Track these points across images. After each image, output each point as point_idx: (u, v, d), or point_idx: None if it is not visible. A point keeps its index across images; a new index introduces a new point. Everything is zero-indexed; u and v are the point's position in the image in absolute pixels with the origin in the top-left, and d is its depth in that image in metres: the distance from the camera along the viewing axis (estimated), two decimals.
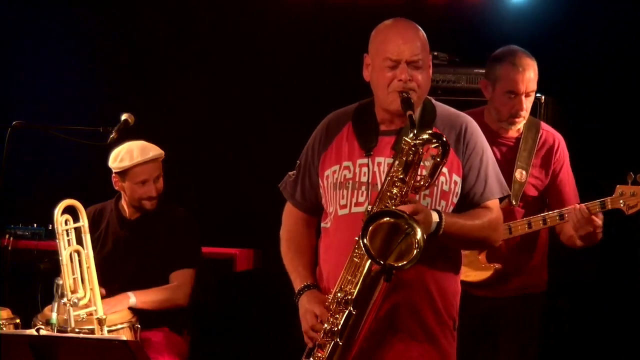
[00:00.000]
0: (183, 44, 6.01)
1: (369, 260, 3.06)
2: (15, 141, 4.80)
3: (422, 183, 3.10)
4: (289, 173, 3.44)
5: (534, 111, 4.26)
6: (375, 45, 3.26)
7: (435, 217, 3.09)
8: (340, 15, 5.74)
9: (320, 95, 5.57)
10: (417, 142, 3.06)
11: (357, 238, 3.07)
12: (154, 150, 4.55)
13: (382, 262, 3.00)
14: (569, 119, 4.43)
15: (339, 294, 3.12)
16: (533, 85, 4.00)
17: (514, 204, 4.03)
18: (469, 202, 3.24)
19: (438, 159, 3.06)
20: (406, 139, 3.08)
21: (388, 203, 3.08)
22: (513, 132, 4.08)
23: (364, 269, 3.08)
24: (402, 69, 3.17)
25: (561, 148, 4.11)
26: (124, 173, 4.53)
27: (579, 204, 3.93)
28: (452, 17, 5.54)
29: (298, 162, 3.41)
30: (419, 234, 2.99)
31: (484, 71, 4.69)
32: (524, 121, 4.05)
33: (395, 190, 3.08)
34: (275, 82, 5.84)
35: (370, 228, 3.01)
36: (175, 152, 4.77)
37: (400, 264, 2.99)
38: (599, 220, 3.90)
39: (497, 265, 4.05)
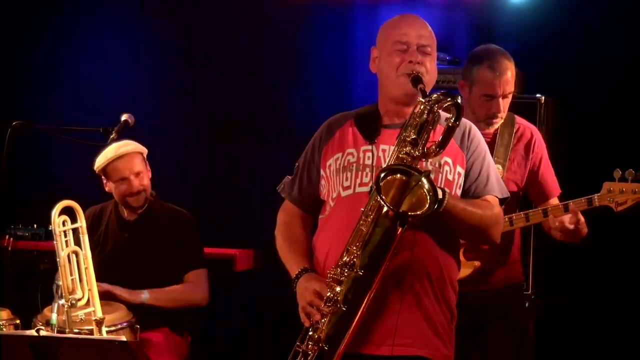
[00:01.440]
0: (183, 44, 6.01)
1: (379, 216, 3.00)
2: (15, 141, 4.79)
3: (432, 149, 3.08)
4: (287, 176, 3.46)
5: (533, 112, 4.25)
6: (384, 34, 3.31)
7: (439, 193, 3.07)
8: (340, 15, 5.73)
9: (320, 97, 5.58)
10: (432, 100, 3.07)
11: (362, 209, 3.06)
12: (128, 146, 4.55)
13: (395, 209, 2.96)
14: (569, 119, 4.43)
15: (345, 258, 3.06)
16: (510, 88, 3.99)
17: None
18: (470, 195, 3.26)
19: (452, 121, 3.05)
20: (421, 99, 3.10)
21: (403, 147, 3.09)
22: (491, 129, 4.07)
23: (371, 231, 3.03)
24: (412, 52, 3.22)
25: (538, 141, 4.10)
26: (105, 173, 4.57)
27: (564, 206, 3.91)
28: (452, 17, 5.54)
29: (297, 164, 3.43)
30: (426, 184, 2.98)
31: None
32: (502, 121, 4.04)
33: (407, 149, 3.07)
34: (275, 82, 5.84)
35: (382, 182, 2.97)
36: (175, 152, 4.77)
37: (416, 212, 2.97)
38: (581, 218, 3.88)
39: (477, 263, 4.03)
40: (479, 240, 3.66)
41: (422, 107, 3.09)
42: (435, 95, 3.08)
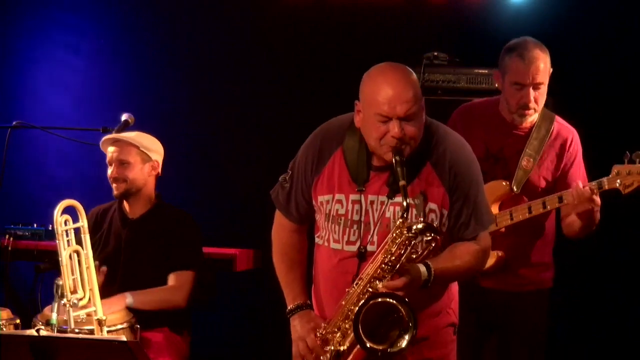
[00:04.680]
0: (182, 44, 6.02)
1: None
2: (16, 141, 4.80)
3: (414, 257, 3.14)
4: (280, 179, 3.41)
5: None
6: (365, 96, 3.16)
7: (424, 273, 3.10)
8: (340, 15, 5.73)
9: (320, 96, 5.58)
10: (410, 235, 3.09)
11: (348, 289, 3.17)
12: (125, 136, 4.53)
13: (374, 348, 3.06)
14: (570, 119, 4.42)
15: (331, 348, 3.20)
16: (542, 78, 3.99)
17: (516, 191, 4.04)
18: (456, 237, 3.24)
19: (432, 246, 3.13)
20: (405, 233, 3.09)
21: (379, 272, 3.12)
22: (526, 123, 4.07)
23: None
24: (394, 125, 3.09)
25: (574, 143, 4.11)
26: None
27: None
28: (452, 17, 5.54)
29: (290, 172, 3.38)
30: (407, 314, 3.02)
31: (484, 71, 4.69)
32: (536, 114, 4.03)
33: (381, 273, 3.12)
34: (275, 82, 5.84)
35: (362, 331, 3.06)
36: (175, 152, 4.77)
37: (396, 348, 3.05)
38: (598, 199, 3.90)
39: (500, 253, 4.02)
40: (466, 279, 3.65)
41: (401, 237, 3.09)
42: (415, 227, 3.07)
